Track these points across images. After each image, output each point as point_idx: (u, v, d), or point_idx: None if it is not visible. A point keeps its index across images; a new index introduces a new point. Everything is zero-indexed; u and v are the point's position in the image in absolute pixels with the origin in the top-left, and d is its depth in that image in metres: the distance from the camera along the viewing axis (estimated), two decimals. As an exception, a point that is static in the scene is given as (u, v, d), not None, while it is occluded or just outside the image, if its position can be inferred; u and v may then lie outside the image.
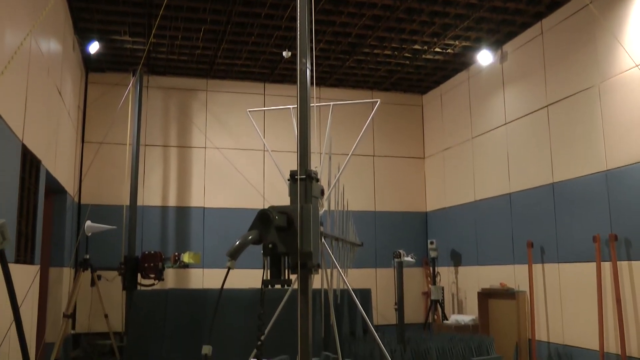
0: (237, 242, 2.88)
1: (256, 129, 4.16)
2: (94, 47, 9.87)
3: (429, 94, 12.83)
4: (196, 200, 11.42)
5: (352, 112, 11.89)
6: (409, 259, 7.85)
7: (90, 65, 11.05)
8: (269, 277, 3.24)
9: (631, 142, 7.35)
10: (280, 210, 3.06)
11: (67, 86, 8.98)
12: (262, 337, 3.35)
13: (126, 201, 10.39)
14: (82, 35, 9.77)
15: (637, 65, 7.30)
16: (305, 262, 3.14)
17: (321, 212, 3.42)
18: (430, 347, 7.45)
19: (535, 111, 9.24)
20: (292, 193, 3.16)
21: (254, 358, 3.45)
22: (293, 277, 3.32)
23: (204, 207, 11.38)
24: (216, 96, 11.82)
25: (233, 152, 11.67)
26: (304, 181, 3.16)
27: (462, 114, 11.42)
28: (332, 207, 4.18)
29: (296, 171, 3.20)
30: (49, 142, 7.59)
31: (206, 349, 3.36)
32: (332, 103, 4.03)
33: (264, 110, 11.65)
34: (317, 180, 3.28)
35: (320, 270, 3.62)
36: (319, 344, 7.37)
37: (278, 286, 3.22)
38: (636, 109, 7.32)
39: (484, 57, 10.37)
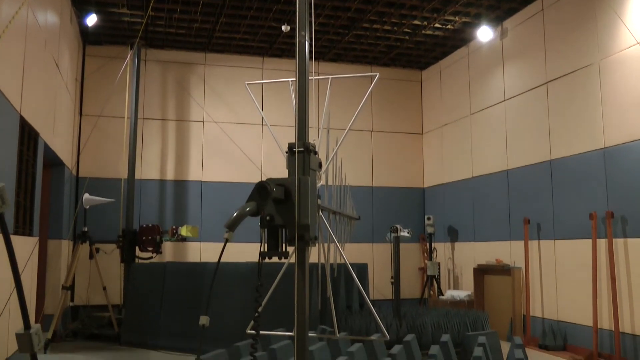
0: (235, 214, 2.89)
1: (254, 102, 4.15)
2: (91, 20, 9.80)
3: (428, 69, 12.78)
4: (194, 174, 11.42)
5: (350, 87, 11.85)
6: (405, 233, 7.88)
7: (87, 38, 10.98)
8: (266, 250, 3.26)
9: (630, 120, 7.35)
10: (278, 182, 3.07)
11: (64, 59, 8.94)
12: (260, 309, 3.38)
13: (124, 174, 10.40)
14: (80, 8, 9.70)
15: (638, 43, 7.27)
16: (302, 234, 3.15)
17: (319, 185, 3.43)
18: (425, 321, 7.52)
19: (535, 88, 9.22)
20: (290, 165, 3.17)
21: (251, 330, 3.48)
22: (290, 249, 3.33)
23: (201, 181, 11.39)
24: (214, 70, 11.77)
25: (231, 126, 11.65)
26: (302, 154, 3.16)
27: (461, 90, 11.39)
28: (330, 181, 4.19)
29: (294, 144, 3.20)
30: (46, 115, 7.57)
31: (204, 320, 3.39)
32: (330, 77, 4.02)
33: (263, 83, 11.62)
34: (315, 153, 3.28)
35: (317, 243, 3.63)
36: (316, 318, 7.43)
37: (275, 258, 3.23)
38: (636, 87, 7.31)
39: (484, 34, 10.32)
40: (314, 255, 3.90)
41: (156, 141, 11.34)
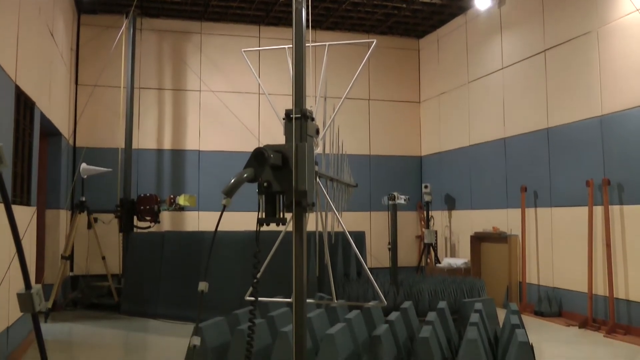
0: (232, 180, 2.90)
1: (251, 69, 4.13)
2: (86, -12, 9.71)
3: (425, 38, 12.70)
4: (191, 143, 11.41)
5: (348, 55, 11.77)
6: (401, 201, 7.90)
7: (82, 6, 10.88)
8: (264, 216, 3.27)
9: (627, 88, 7.34)
10: (275, 148, 3.07)
11: (59, 27, 8.87)
12: (258, 276, 3.41)
13: (121, 144, 10.39)
14: (74, -25, 9.60)
15: (638, 10, 7.23)
16: (299, 200, 3.17)
17: (316, 151, 3.43)
18: (422, 288, 7.58)
19: (532, 56, 9.18)
20: (287, 132, 3.17)
21: (249, 297, 3.51)
22: (288, 216, 3.35)
23: (199, 150, 11.38)
24: (211, 39, 11.69)
25: (228, 95, 11.60)
26: (299, 120, 3.16)
27: (459, 59, 11.33)
28: (327, 149, 4.20)
29: (291, 110, 3.20)
30: (42, 84, 7.54)
31: (202, 286, 3.42)
32: (327, 43, 4.00)
33: (259, 50, 11.56)
34: (312, 119, 3.28)
35: (315, 211, 3.65)
36: (314, 285, 7.49)
37: (273, 226, 3.25)
38: (634, 54, 7.28)
39: (482, 1, 10.24)
40: (312, 223, 3.92)
41: (153, 110, 11.30)
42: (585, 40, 8.09)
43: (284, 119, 3.27)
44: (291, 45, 3.38)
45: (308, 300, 3.44)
